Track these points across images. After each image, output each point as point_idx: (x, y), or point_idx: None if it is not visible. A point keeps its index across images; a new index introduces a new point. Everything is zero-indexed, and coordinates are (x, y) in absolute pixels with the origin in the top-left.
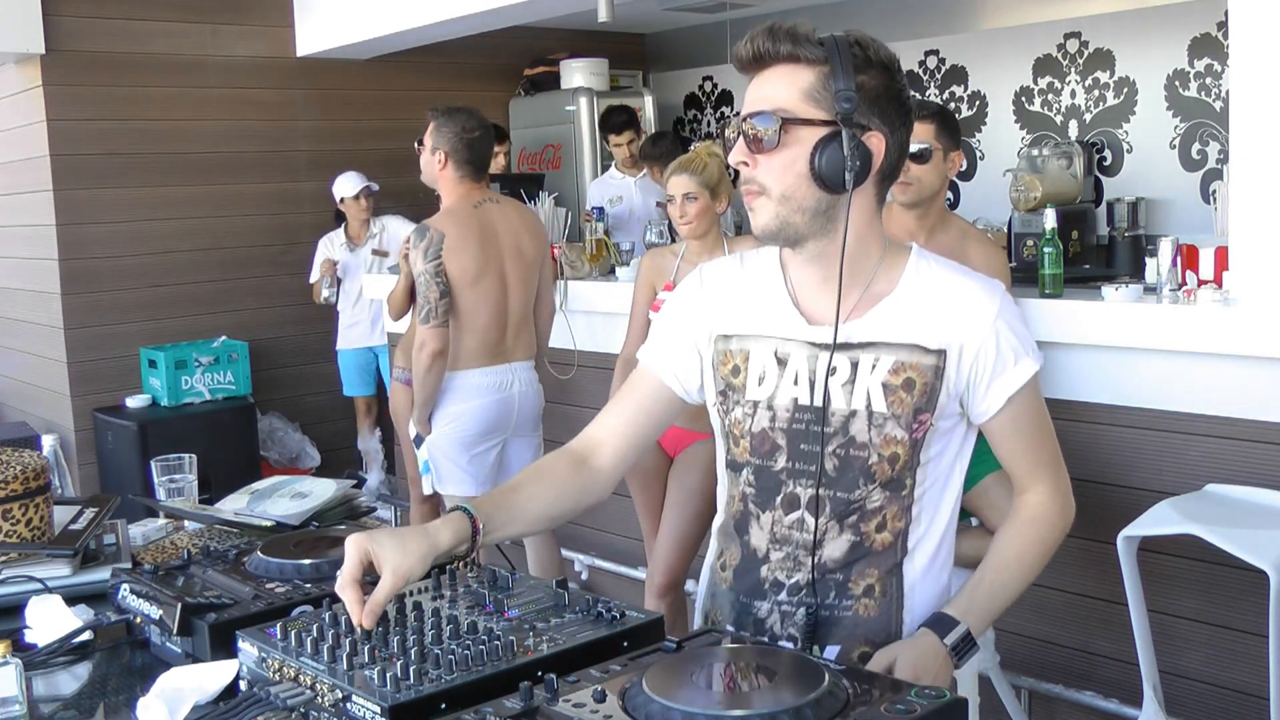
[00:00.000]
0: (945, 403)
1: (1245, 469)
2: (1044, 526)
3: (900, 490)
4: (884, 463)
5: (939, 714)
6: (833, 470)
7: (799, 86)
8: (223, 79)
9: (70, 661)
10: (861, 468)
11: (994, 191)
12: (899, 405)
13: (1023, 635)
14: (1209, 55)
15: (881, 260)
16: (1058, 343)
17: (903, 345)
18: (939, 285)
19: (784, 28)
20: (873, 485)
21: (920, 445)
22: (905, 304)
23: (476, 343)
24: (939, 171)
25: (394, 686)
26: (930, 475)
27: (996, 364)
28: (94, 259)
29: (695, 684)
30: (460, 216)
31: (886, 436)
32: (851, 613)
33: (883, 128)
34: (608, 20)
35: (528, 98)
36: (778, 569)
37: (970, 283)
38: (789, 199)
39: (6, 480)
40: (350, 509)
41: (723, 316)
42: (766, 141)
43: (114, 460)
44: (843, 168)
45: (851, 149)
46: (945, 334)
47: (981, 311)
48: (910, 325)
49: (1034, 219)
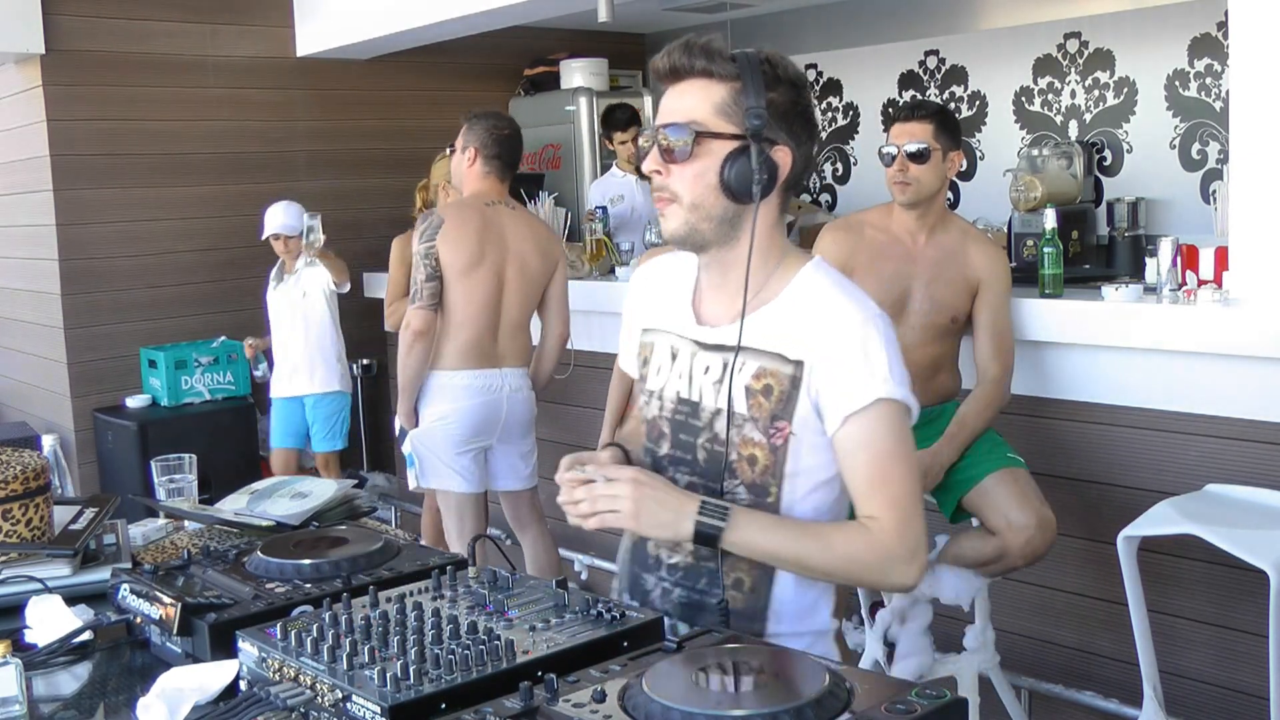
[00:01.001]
0: (805, 415)
1: (1245, 469)
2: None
3: (765, 496)
4: (744, 463)
5: (939, 714)
6: (704, 462)
7: (712, 101)
8: (223, 79)
9: (70, 661)
10: (725, 464)
11: (994, 191)
12: (757, 409)
13: (1023, 635)
14: (1209, 55)
15: (777, 269)
16: (1058, 343)
17: (767, 353)
18: (815, 299)
19: (699, 44)
20: (736, 483)
21: (782, 454)
22: (780, 313)
23: (465, 342)
24: (938, 172)
25: (394, 686)
26: (801, 490)
27: (842, 381)
28: (94, 259)
29: (695, 684)
30: (465, 208)
31: (745, 438)
32: (718, 601)
33: (789, 142)
34: (608, 20)
35: (528, 98)
36: (661, 547)
37: (846, 302)
38: (698, 207)
39: (6, 480)
40: (350, 509)
41: (648, 310)
42: (679, 152)
43: (114, 460)
44: (750, 180)
45: (759, 163)
46: (806, 346)
47: (842, 327)
48: (779, 334)
49: (1034, 219)
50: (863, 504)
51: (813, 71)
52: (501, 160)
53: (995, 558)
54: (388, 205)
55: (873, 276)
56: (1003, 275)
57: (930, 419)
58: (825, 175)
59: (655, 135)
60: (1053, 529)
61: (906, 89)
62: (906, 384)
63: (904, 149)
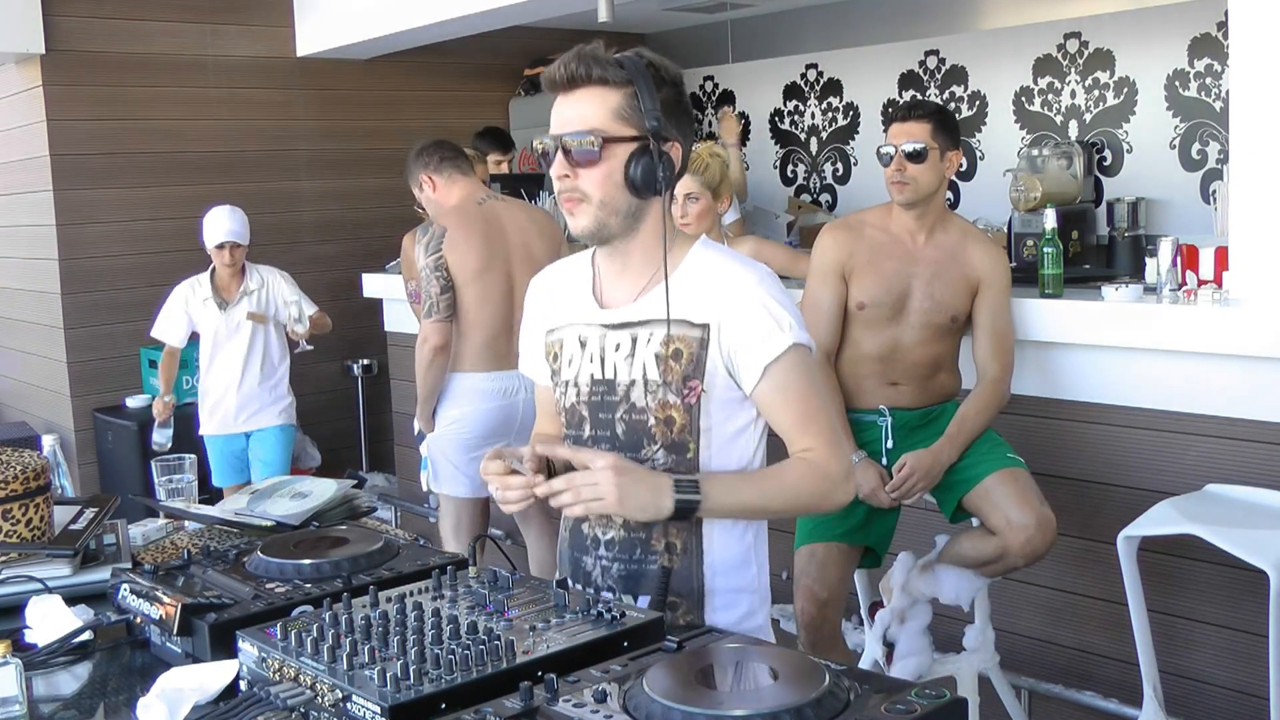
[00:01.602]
0: (714, 370)
1: (1245, 469)
2: (812, 469)
3: (684, 453)
4: (661, 425)
5: (939, 714)
6: (623, 434)
7: (609, 107)
8: (223, 79)
9: (70, 661)
10: (644, 430)
11: (994, 191)
12: (669, 373)
13: (1023, 635)
14: (1209, 55)
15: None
16: (1058, 343)
17: (673, 321)
18: (708, 269)
19: (590, 53)
20: (655, 447)
21: (696, 411)
22: (679, 286)
23: (481, 344)
24: (935, 171)
25: (394, 686)
26: (715, 442)
27: (752, 337)
28: (94, 259)
29: (695, 684)
30: (463, 211)
31: (660, 401)
32: (656, 566)
33: (678, 137)
34: (608, 20)
35: (528, 98)
36: (596, 526)
37: (736, 266)
38: (606, 204)
39: (6, 480)
40: (351, 509)
41: (548, 313)
42: (587, 157)
43: (114, 460)
44: (654, 176)
45: (661, 159)
46: (710, 310)
47: (741, 290)
48: (681, 304)
49: (1034, 219)
50: (796, 440)
51: (813, 71)
52: (448, 159)
53: (995, 558)
54: (388, 205)
55: (873, 276)
56: (1003, 275)
57: (930, 419)
58: (825, 175)
59: (559, 142)
60: (1053, 529)
61: (906, 89)
62: (804, 326)
63: (901, 149)
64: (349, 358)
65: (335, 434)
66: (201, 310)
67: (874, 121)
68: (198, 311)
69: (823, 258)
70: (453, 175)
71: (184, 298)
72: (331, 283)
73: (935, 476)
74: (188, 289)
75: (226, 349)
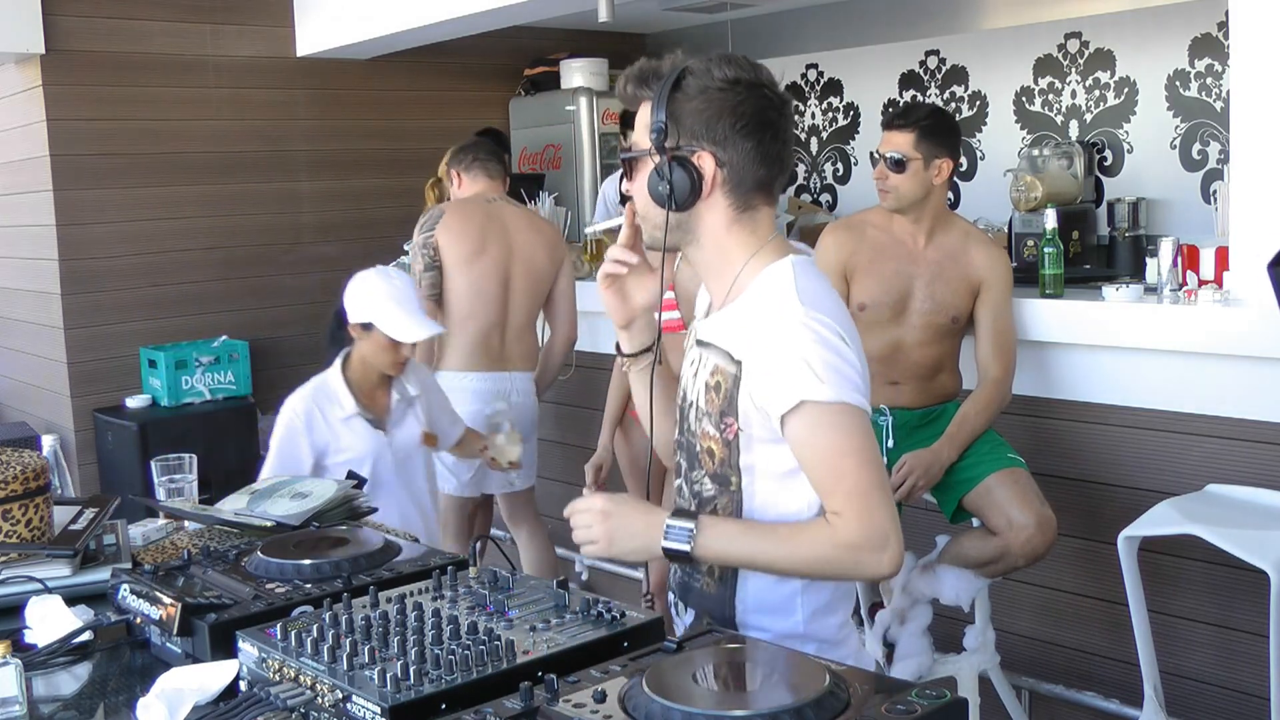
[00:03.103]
0: (748, 412)
1: (1245, 469)
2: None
3: (728, 486)
4: (705, 454)
5: (939, 714)
6: (685, 452)
7: (643, 123)
8: (223, 79)
9: (70, 661)
10: (694, 454)
11: (994, 191)
12: (711, 405)
13: (1023, 635)
14: (1209, 55)
15: (744, 267)
16: (1058, 343)
17: (720, 350)
18: (765, 300)
19: (635, 71)
20: (701, 472)
21: (734, 448)
22: (737, 312)
23: (472, 340)
24: (918, 180)
25: (394, 686)
26: (760, 481)
27: (772, 385)
28: (94, 259)
29: (695, 684)
30: (466, 202)
31: (704, 431)
32: (699, 585)
33: (709, 146)
34: (608, 20)
35: (528, 98)
36: None
37: (791, 302)
38: (646, 219)
39: (6, 480)
40: (351, 509)
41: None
42: (632, 173)
43: (114, 460)
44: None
45: (664, 173)
46: (748, 347)
47: (779, 331)
48: (731, 333)
49: (1034, 219)
50: (825, 500)
51: (813, 71)
52: (480, 161)
53: (996, 558)
54: (388, 205)
55: (874, 276)
56: (1004, 275)
57: (931, 419)
58: (825, 175)
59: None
60: (1053, 529)
61: (907, 89)
62: (843, 382)
63: (886, 156)
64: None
65: None
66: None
67: (874, 121)
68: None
69: (824, 258)
70: (477, 177)
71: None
72: (331, 283)
73: (935, 476)
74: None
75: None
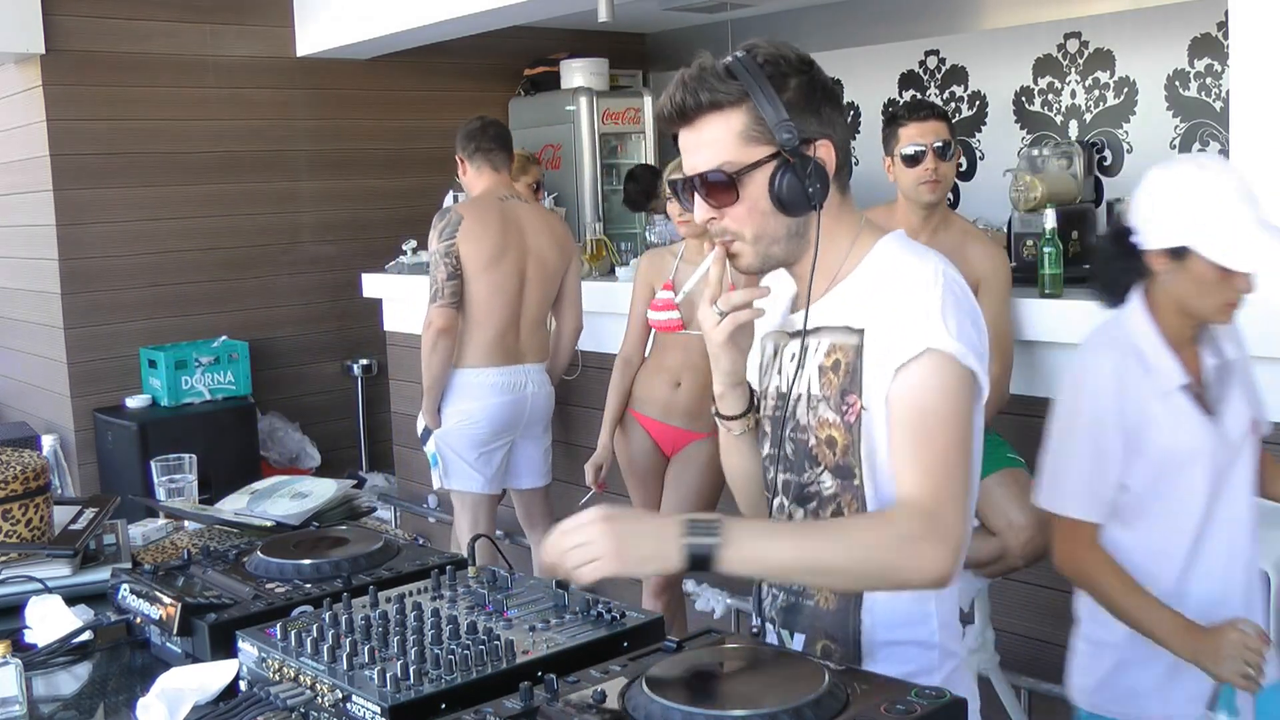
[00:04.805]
0: (871, 383)
1: None
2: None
3: (851, 479)
4: (823, 446)
5: (939, 714)
6: (791, 454)
7: (734, 131)
8: (223, 79)
9: (70, 661)
10: (806, 451)
11: (994, 191)
12: (829, 387)
13: (1023, 635)
14: (1209, 55)
15: (851, 249)
16: (1058, 343)
17: (837, 328)
18: (882, 268)
19: (695, 76)
20: (819, 469)
21: (856, 431)
22: (851, 289)
23: (490, 338)
24: (953, 167)
25: (394, 686)
26: (881, 473)
27: (896, 336)
28: (94, 259)
29: (695, 684)
30: (482, 203)
31: (820, 419)
32: (813, 603)
33: (826, 131)
34: (608, 20)
35: (528, 98)
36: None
37: (915, 262)
38: (762, 237)
39: (6, 480)
40: (350, 509)
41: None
42: (724, 195)
43: (114, 460)
44: (804, 193)
45: (808, 172)
46: (869, 312)
47: (907, 288)
48: (847, 308)
49: (1034, 219)
50: (899, 474)
51: None
52: (483, 150)
53: (995, 558)
54: (388, 205)
55: None
56: (1003, 274)
57: None
58: None
59: (693, 184)
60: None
61: (906, 89)
62: (973, 347)
63: (933, 146)
64: (348, 358)
65: (335, 434)
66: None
67: (874, 121)
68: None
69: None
70: (481, 166)
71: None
72: (331, 283)
73: None
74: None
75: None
